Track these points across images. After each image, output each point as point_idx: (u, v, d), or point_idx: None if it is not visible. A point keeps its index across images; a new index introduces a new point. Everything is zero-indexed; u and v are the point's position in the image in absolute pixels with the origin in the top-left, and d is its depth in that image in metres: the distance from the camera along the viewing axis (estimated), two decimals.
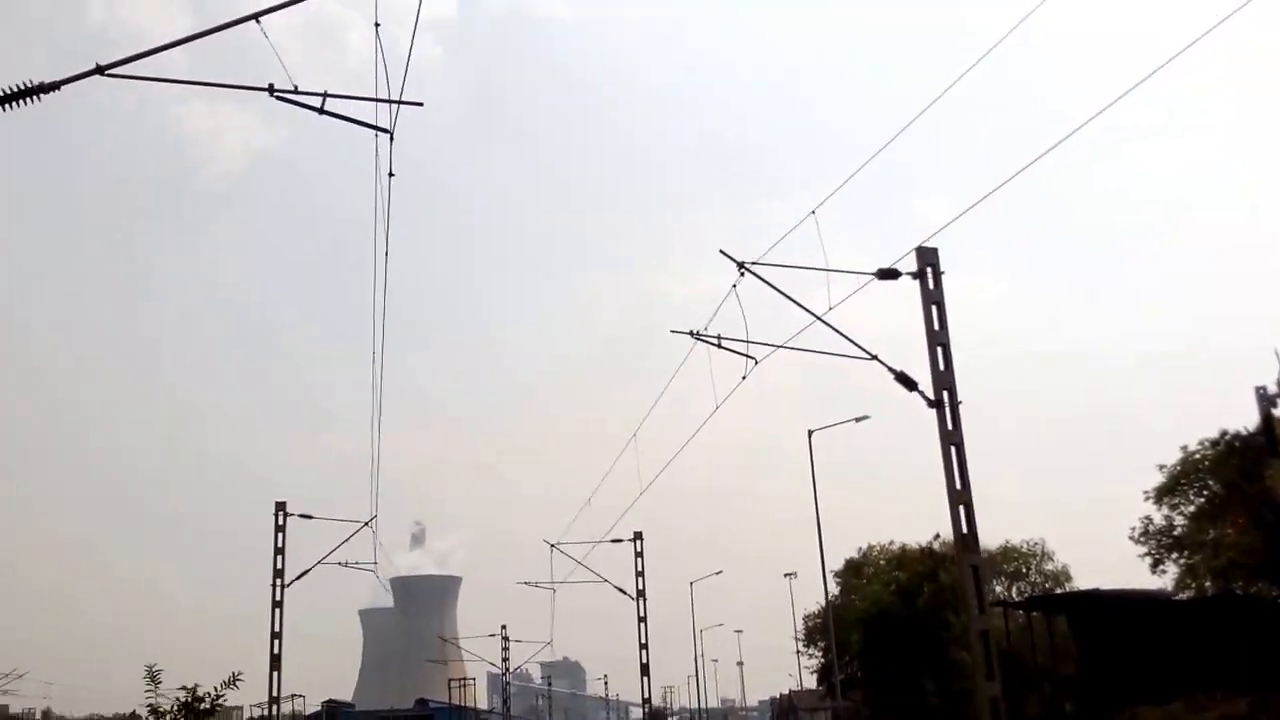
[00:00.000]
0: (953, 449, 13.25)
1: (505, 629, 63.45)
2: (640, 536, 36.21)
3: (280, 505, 31.35)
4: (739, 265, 14.40)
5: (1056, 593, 51.05)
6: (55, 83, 10.15)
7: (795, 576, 62.68)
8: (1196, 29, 10.31)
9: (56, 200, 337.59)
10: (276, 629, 30.44)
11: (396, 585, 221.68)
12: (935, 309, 13.55)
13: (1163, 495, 39.25)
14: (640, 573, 36.20)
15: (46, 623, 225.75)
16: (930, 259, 13.66)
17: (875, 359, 14.28)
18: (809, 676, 63.68)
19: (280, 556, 30.97)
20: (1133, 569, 43.99)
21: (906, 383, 13.92)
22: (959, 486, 13.12)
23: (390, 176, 13.06)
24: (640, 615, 36.06)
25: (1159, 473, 39.24)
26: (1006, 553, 59.14)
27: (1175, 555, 39.36)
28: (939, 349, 13.48)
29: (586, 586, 36.95)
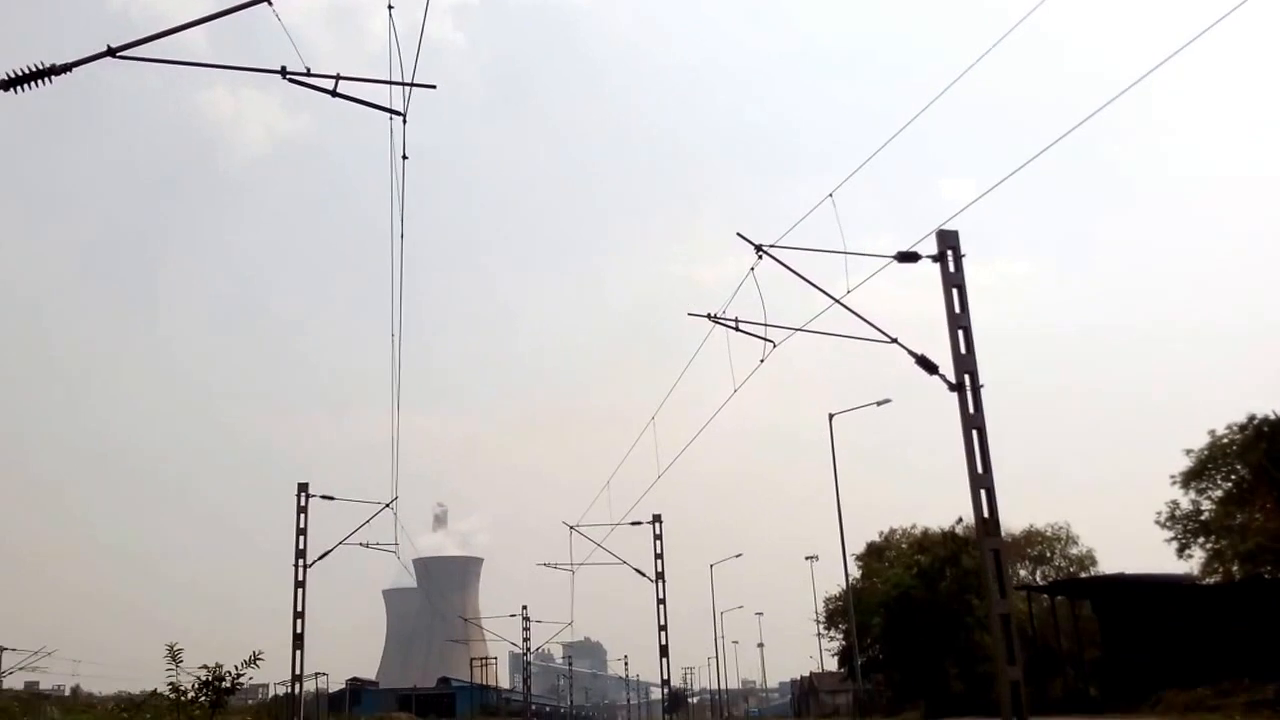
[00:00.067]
0: (974, 432, 13.08)
1: (526, 609, 63.93)
2: (659, 519, 36.20)
3: (302, 487, 31.76)
4: (756, 248, 14.27)
5: (1081, 577, 50.78)
6: (67, 64, 10.08)
7: (817, 560, 62.78)
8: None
9: (77, 184, 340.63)
10: (299, 609, 30.73)
11: (419, 566, 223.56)
12: (956, 292, 13.39)
13: (1190, 480, 38.93)
14: (659, 555, 36.20)
15: (71, 605, 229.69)
16: (951, 241, 13.48)
17: (895, 342, 14.12)
18: (830, 659, 63.72)
19: (302, 537, 31.30)
20: (1159, 553, 43.69)
21: (927, 366, 13.75)
22: (980, 470, 12.95)
23: (404, 159, 12.98)
24: (659, 597, 36.09)
25: (1186, 457, 38.92)
26: (1031, 536, 58.88)
27: (1202, 540, 39.05)
28: (960, 332, 13.31)
29: (607, 568, 37.02)
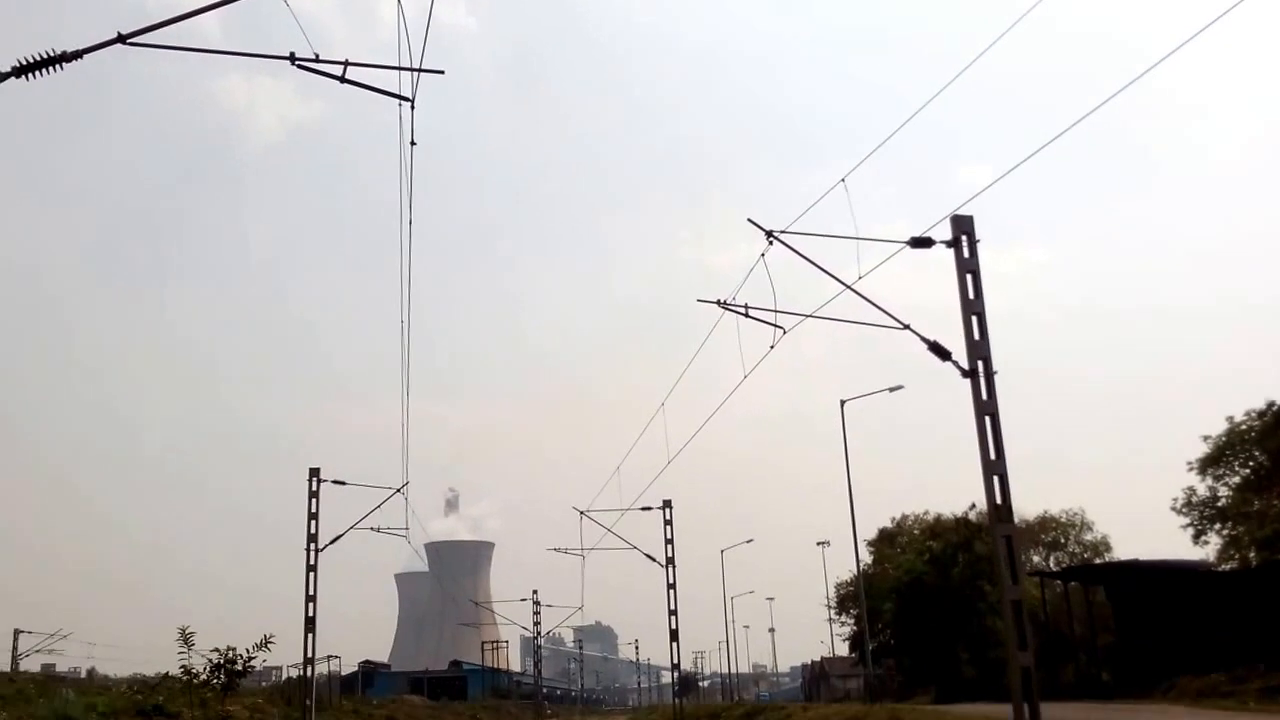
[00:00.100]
0: (987, 419, 13.01)
1: (536, 594, 64.32)
2: (669, 505, 36.22)
3: (314, 472, 31.93)
4: (767, 234, 14.19)
5: (1095, 563, 50.64)
6: (77, 52, 10.04)
7: (828, 545, 62.62)
8: None
9: (91, 171, 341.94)
10: (311, 592, 30.93)
11: (430, 550, 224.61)
12: (970, 278, 13.29)
13: (1207, 466, 38.70)
14: (669, 540, 36.25)
15: (86, 591, 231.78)
16: (965, 227, 13.37)
17: (908, 328, 14.02)
18: (841, 644, 63.83)
19: (314, 522, 31.46)
20: (1174, 540, 43.47)
21: (940, 352, 13.66)
22: (993, 457, 12.89)
23: (412, 145, 12.93)
24: (670, 582, 36.16)
25: (1204, 444, 38.69)
26: (1045, 522, 58.72)
27: (1218, 526, 38.82)
28: (974, 318, 13.20)
29: (618, 554, 37.09)
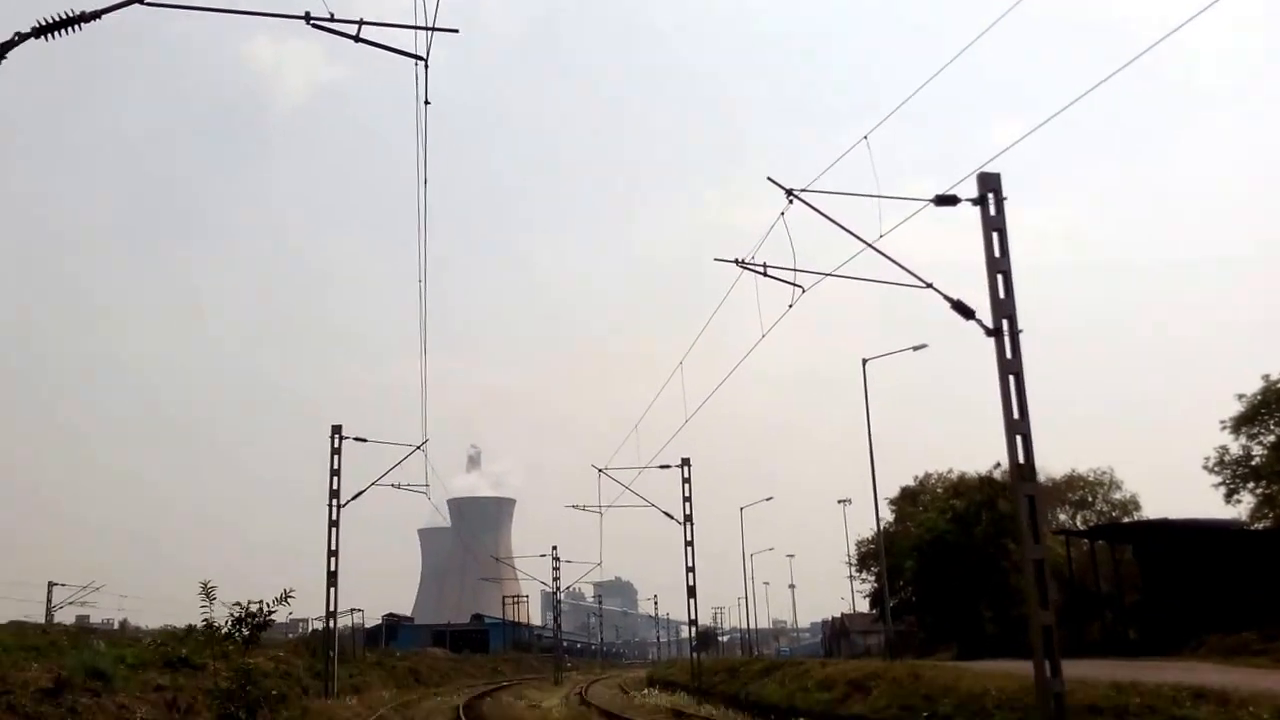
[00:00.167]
0: (1011, 378, 12.95)
1: (555, 549, 64.99)
2: (688, 463, 36.28)
3: (336, 429, 32.32)
4: (787, 192, 14.02)
5: (1123, 522, 50.39)
6: (95, 12, 9.99)
7: (849, 503, 62.74)
8: None
9: (116, 133, 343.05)
10: (333, 548, 31.39)
11: (452, 507, 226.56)
12: (996, 236, 13.15)
13: (1241, 425, 38.34)
14: (688, 498, 36.35)
15: (116, 547, 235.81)
16: (992, 184, 13.21)
17: (930, 287, 13.87)
18: (862, 601, 64.03)
19: (336, 478, 31.87)
20: (1206, 499, 43.11)
21: (963, 311, 13.53)
22: (1016, 416, 12.83)
23: (426, 105, 12.83)
24: (687, 539, 36.32)
25: (1238, 402, 38.32)
26: (1073, 481, 58.35)
27: (1252, 485, 38.52)
28: (999, 276, 13.07)
29: (639, 511, 37.27)
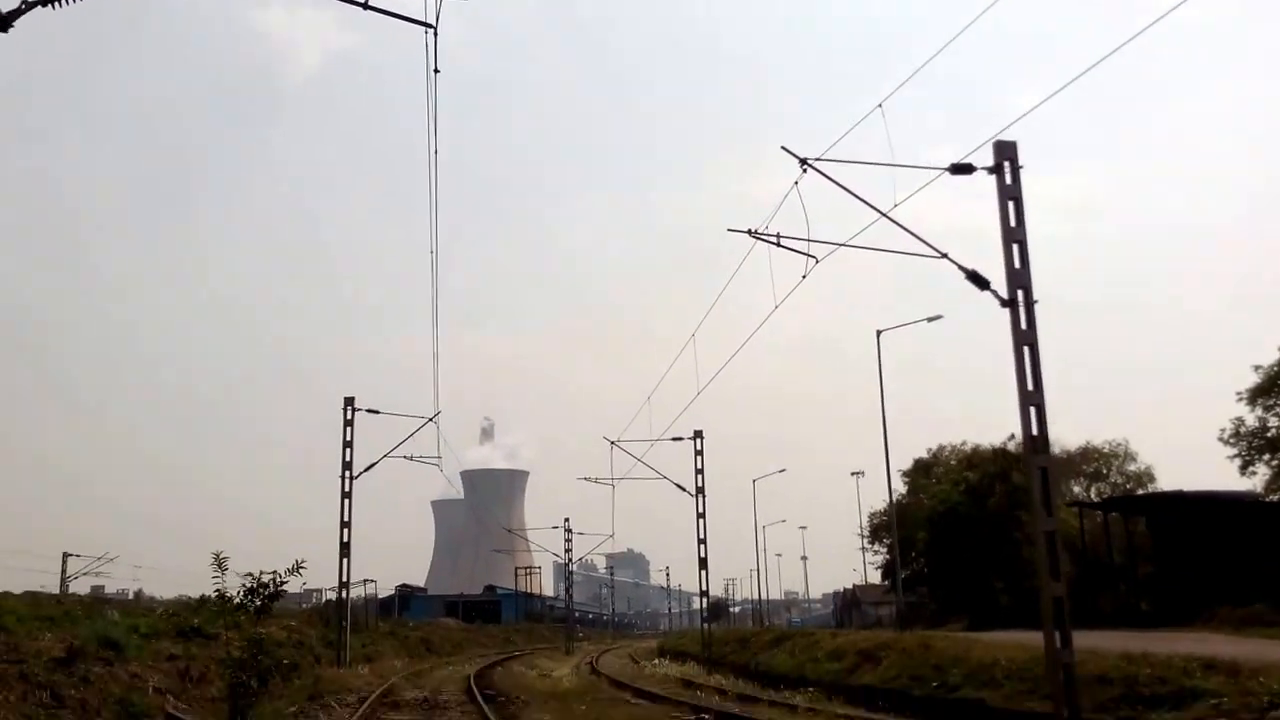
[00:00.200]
0: (1026, 349, 12.68)
1: (568, 521, 65.11)
2: (700, 435, 36.08)
3: (349, 400, 32.26)
4: (801, 161, 13.70)
5: (1136, 494, 50.09)
6: None
7: (863, 475, 62.40)
8: None
9: (129, 101, 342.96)
10: (346, 519, 31.41)
11: (466, 478, 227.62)
12: (1012, 205, 12.84)
13: (1257, 396, 37.97)
14: (700, 470, 36.19)
15: (129, 519, 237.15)
16: (1008, 153, 12.89)
17: (945, 257, 13.56)
18: (874, 572, 63.91)
19: (349, 450, 31.82)
20: (1222, 471, 42.77)
21: (978, 281, 13.22)
22: (1031, 388, 12.58)
23: (435, 73, 12.54)
24: (699, 511, 36.18)
25: (1255, 374, 37.89)
26: (1088, 453, 58.03)
27: (1268, 457, 38.18)
28: (1015, 246, 12.77)
29: (651, 483, 37.09)
